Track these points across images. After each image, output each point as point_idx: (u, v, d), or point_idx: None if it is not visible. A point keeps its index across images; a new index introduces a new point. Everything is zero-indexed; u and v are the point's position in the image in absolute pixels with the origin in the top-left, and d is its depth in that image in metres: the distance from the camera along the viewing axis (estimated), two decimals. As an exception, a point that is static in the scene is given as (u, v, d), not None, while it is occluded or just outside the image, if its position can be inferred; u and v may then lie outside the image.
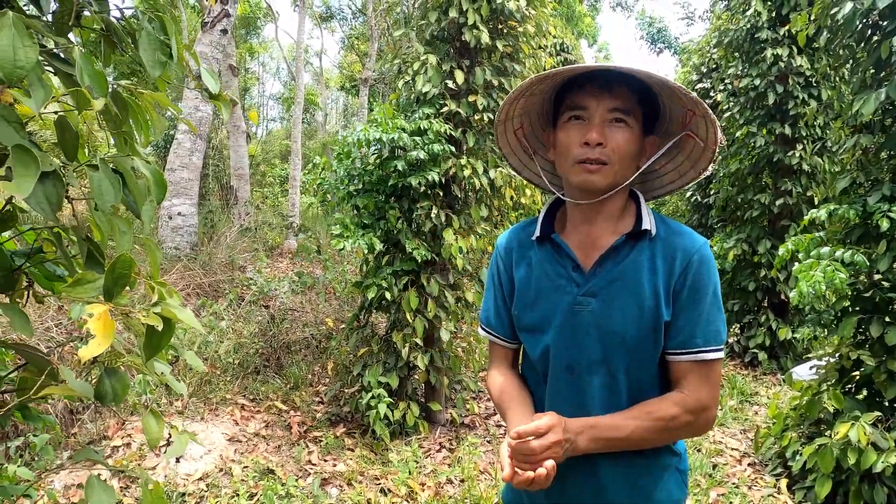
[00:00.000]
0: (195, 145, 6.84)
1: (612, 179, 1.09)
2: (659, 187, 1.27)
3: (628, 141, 1.08)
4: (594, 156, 1.07)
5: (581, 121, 1.09)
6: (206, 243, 7.20)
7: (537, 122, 1.25)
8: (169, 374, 1.13)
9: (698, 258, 1.08)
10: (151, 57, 1.00)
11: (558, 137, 1.14)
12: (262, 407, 3.84)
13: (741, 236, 5.56)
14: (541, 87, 1.14)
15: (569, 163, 1.10)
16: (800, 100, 5.27)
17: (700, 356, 1.08)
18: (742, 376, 5.18)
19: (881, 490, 2.74)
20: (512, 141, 1.26)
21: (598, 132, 1.07)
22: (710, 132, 1.09)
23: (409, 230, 3.63)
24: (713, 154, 1.12)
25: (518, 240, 1.25)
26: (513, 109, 1.19)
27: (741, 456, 3.68)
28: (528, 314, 1.19)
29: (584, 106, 1.09)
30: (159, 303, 0.93)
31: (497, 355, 1.31)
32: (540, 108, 1.22)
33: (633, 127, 1.09)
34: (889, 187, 2.87)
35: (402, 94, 3.86)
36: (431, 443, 3.65)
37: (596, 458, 1.12)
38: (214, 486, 2.86)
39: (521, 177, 1.33)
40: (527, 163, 1.30)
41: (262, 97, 26.80)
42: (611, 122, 1.08)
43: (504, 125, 1.22)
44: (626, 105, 1.08)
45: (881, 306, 2.94)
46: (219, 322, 4.64)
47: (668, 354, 1.11)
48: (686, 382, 1.10)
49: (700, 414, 1.09)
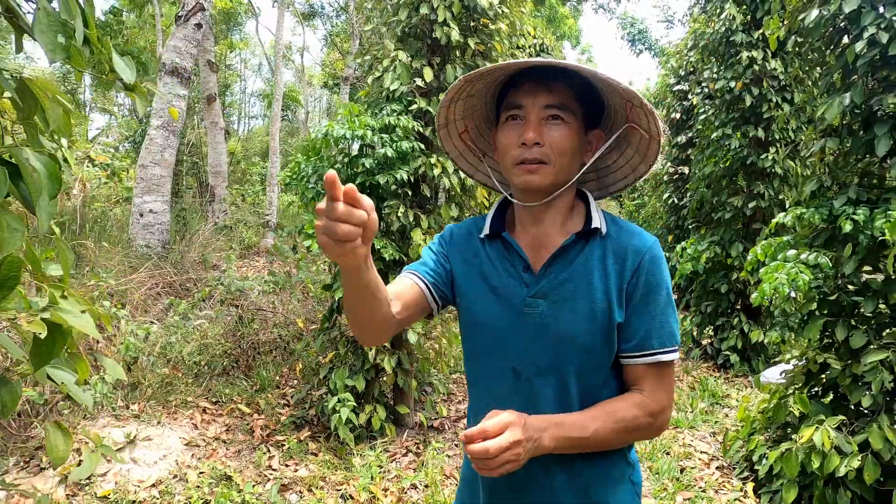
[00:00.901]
0: (168, 141, 6.70)
1: (554, 178, 1.06)
2: (613, 183, 1.24)
3: (566, 137, 1.05)
4: (532, 156, 1.04)
5: (518, 120, 1.06)
6: (179, 241, 7.06)
7: (483, 123, 1.22)
8: (72, 383, 1.05)
9: (649, 258, 1.05)
10: (50, 40, 0.92)
11: (498, 138, 1.11)
12: (225, 410, 3.75)
13: (714, 238, 5.57)
14: (477, 87, 1.11)
15: (509, 164, 1.07)
16: (773, 103, 5.29)
17: (656, 358, 1.05)
18: (714, 378, 5.19)
19: (845, 494, 2.73)
20: (459, 144, 1.23)
21: (534, 131, 1.03)
22: (652, 123, 1.06)
23: (377, 230, 3.56)
24: (659, 145, 1.10)
25: (468, 230, 1.20)
26: (451, 113, 1.16)
27: (710, 459, 3.67)
28: (477, 307, 1.13)
29: (521, 105, 1.06)
30: (49, 307, 0.86)
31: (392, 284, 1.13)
32: (482, 109, 1.19)
33: (572, 123, 1.06)
34: (855, 191, 2.87)
35: (371, 91, 3.79)
36: (398, 446, 3.58)
37: (550, 464, 1.08)
38: (167, 493, 2.77)
39: (475, 180, 1.28)
40: (477, 165, 1.27)
41: (243, 94, 26.48)
42: (547, 120, 1.05)
43: (446, 129, 1.19)
44: (562, 101, 1.04)
45: (847, 310, 2.94)
46: (185, 322, 4.53)
47: (623, 357, 1.08)
48: (643, 385, 1.07)
49: (658, 416, 1.06)
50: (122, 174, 10.17)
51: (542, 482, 1.09)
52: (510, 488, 1.11)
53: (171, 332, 4.25)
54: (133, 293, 5.13)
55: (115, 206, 8.65)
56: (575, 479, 1.08)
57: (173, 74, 6.69)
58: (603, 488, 1.11)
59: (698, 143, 6.20)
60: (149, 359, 3.82)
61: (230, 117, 22.00)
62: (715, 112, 5.73)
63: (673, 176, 8.40)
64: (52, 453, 1.01)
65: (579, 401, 1.07)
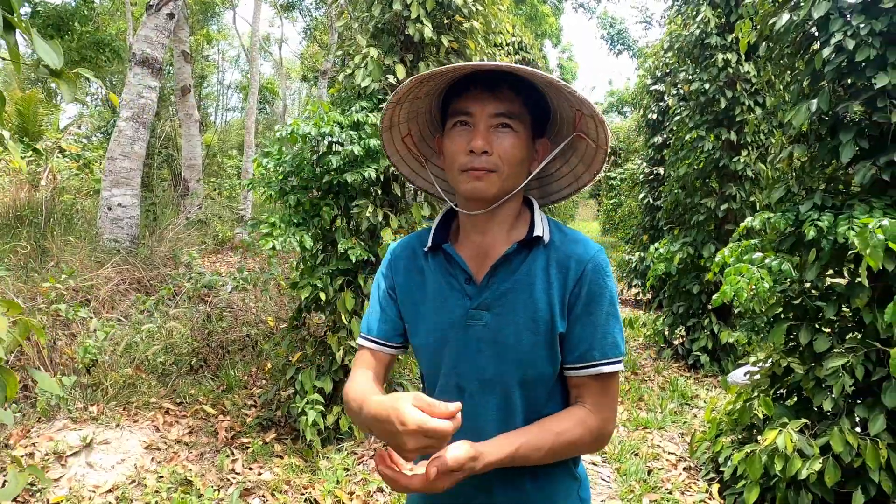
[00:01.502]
0: (137, 133, 6.54)
1: (501, 186, 1.03)
2: (556, 191, 1.22)
3: (515, 147, 1.02)
4: (480, 164, 1.01)
5: (466, 126, 1.03)
6: (149, 236, 6.91)
7: (426, 127, 1.19)
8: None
9: (592, 266, 1.03)
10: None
11: (445, 145, 1.07)
12: (189, 411, 3.66)
13: (687, 240, 5.62)
14: (425, 89, 1.08)
15: (455, 171, 1.04)
16: (746, 106, 5.34)
17: (599, 370, 1.03)
18: (684, 378, 5.23)
19: (806, 497, 2.76)
20: (401, 148, 1.19)
21: (484, 139, 1.00)
22: (601, 133, 1.04)
23: (346, 228, 3.50)
24: (605, 155, 1.07)
25: (411, 248, 1.18)
26: (397, 115, 1.12)
27: (677, 460, 3.69)
28: (419, 328, 1.11)
29: (469, 111, 1.02)
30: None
31: (364, 362, 1.15)
32: (427, 113, 1.16)
33: (520, 131, 1.03)
34: (821, 196, 2.89)
35: (342, 88, 3.73)
36: (366, 448, 3.54)
37: (492, 486, 1.05)
38: (124, 499, 2.69)
39: (416, 185, 1.25)
40: (419, 171, 1.24)
41: (220, 86, 26.05)
42: (496, 128, 1.02)
43: (390, 132, 1.15)
44: (511, 109, 1.02)
45: (811, 314, 2.97)
46: (151, 319, 4.42)
47: (567, 369, 1.05)
48: (586, 397, 1.05)
49: (603, 430, 1.04)
50: (94, 165, 9.93)
51: (483, 499, 1.06)
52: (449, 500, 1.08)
53: (136, 331, 4.15)
54: (99, 289, 5.00)
55: (85, 199, 8.44)
56: (518, 497, 1.06)
57: (144, 65, 6.53)
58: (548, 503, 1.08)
59: (673, 144, 6.24)
60: (111, 358, 3.72)
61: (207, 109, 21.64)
62: (689, 114, 5.77)
63: (649, 176, 8.47)
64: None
65: (523, 416, 1.04)
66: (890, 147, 2.65)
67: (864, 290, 2.72)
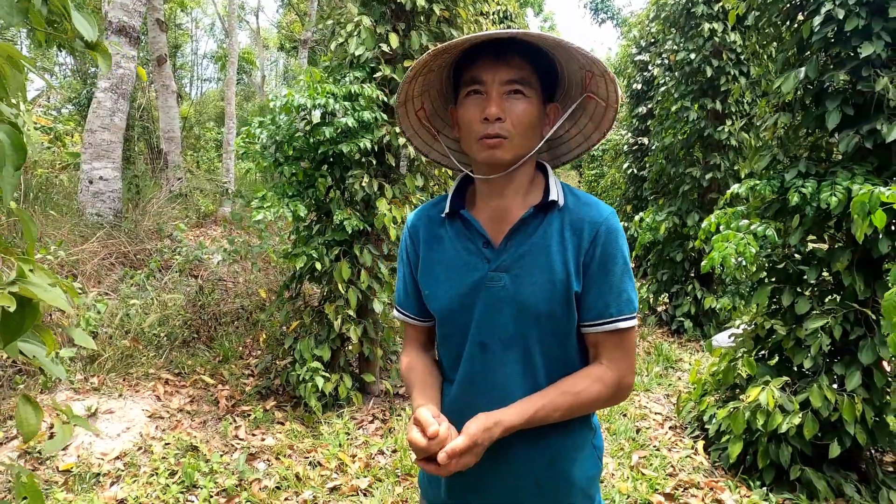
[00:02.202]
0: (117, 105, 6.39)
1: (516, 152, 1.08)
2: (566, 152, 1.26)
3: (528, 112, 1.07)
4: (494, 131, 1.05)
5: (479, 95, 1.07)
6: (132, 210, 6.82)
7: (438, 100, 1.22)
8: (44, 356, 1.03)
9: (605, 228, 1.08)
10: (7, 2, 0.87)
11: (459, 115, 1.11)
12: (188, 381, 3.71)
13: (672, 209, 5.73)
14: (440, 61, 1.11)
15: (472, 140, 1.08)
16: (731, 76, 5.42)
17: (615, 325, 1.09)
18: (668, 343, 5.41)
19: (786, 449, 2.93)
20: (414, 122, 1.22)
21: (497, 106, 1.04)
22: (611, 91, 1.09)
23: (341, 199, 3.53)
24: (615, 113, 1.12)
25: (428, 217, 1.22)
26: (411, 90, 1.15)
27: (663, 420, 3.85)
28: (439, 293, 1.16)
29: (481, 80, 1.06)
30: (17, 281, 0.83)
31: (409, 336, 1.28)
32: (439, 85, 1.19)
33: (532, 97, 1.07)
34: (805, 164, 2.99)
35: (333, 56, 3.70)
36: (364, 414, 3.63)
37: (511, 440, 1.10)
38: (133, 465, 2.75)
39: (429, 158, 1.28)
40: (431, 143, 1.27)
41: (195, 56, 25.35)
42: (508, 94, 1.06)
43: (405, 107, 1.18)
44: (522, 75, 1.06)
45: (793, 277, 3.10)
46: (142, 293, 4.42)
47: (584, 327, 1.11)
48: (603, 352, 1.11)
49: (621, 383, 1.11)
50: (66, 139, 9.67)
51: (503, 455, 1.11)
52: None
53: (128, 304, 4.14)
54: (85, 264, 4.96)
55: (60, 173, 8.25)
56: (542, 451, 1.12)
57: (121, 33, 6.35)
58: (568, 454, 1.15)
59: (658, 114, 6.31)
60: (107, 331, 3.73)
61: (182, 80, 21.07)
62: (675, 84, 5.83)
63: (633, 147, 8.55)
64: (23, 427, 0.99)
65: (545, 372, 1.10)
66: (873, 115, 2.75)
67: (845, 254, 2.85)
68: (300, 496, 2.68)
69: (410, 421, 1.05)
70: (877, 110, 2.75)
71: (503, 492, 1.15)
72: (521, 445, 1.12)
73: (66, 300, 1.06)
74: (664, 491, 2.90)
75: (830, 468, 2.96)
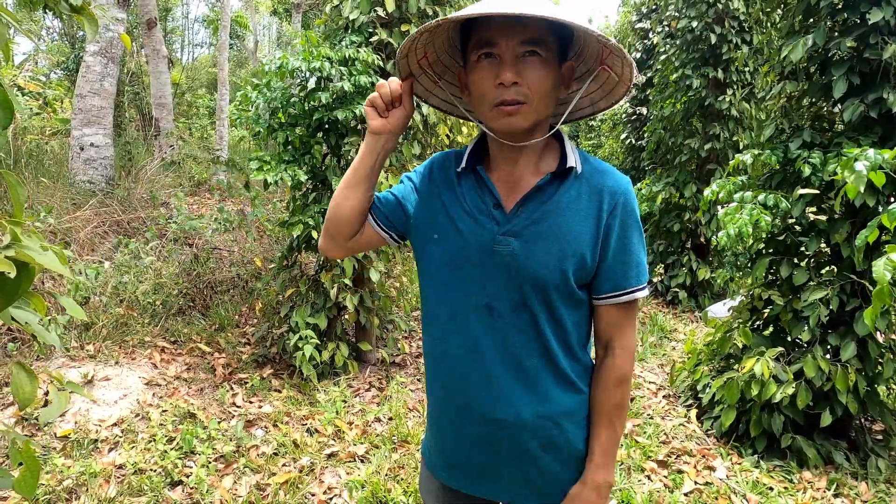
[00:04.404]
0: (107, 69, 6.24)
1: (535, 118, 1.03)
2: (571, 112, 1.19)
3: (545, 77, 1.01)
4: (511, 97, 0.99)
5: (492, 58, 1.01)
6: (124, 177, 6.73)
7: (443, 49, 1.14)
8: (36, 323, 1.01)
9: (624, 199, 1.06)
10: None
11: (471, 80, 1.05)
12: (185, 349, 3.70)
13: (669, 180, 5.70)
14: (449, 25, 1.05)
15: (486, 107, 1.03)
16: (733, 44, 5.32)
17: (631, 296, 1.09)
18: (663, 314, 5.44)
19: (778, 418, 2.97)
20: (414, 68, 1.15)
21: (512, 70, 0.98)
22: (626, 70, 1.04)
23: (336, 166, 3.47)
24: (627, 89, 1.07)
25: (450, 161, 1.18)
26: (415, 45, 1.08)
27: (657, 389, 3.89)
28: (449, 238, 1.12)
29: (494, 42, 1.00)
30: (12, 245, 0.80)
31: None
32: (446, 40, 1.12)
33: (548, 57, 1.01)
34: (809, 134, 2.96)
35: (329, 20, 3.60)
36: (361, 382, 3.65)
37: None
38: (130, 432, 2.76)
39: (429, 104, 1.23)
40: (432, 89, 1.20)
41: (185, 19, 24.74)
42: (524, 56, 0.99)
43: (406, 59, 1.11)
44: (537, 34, 0.99)
45: (792, 249, 3.09)
46: (136, 261, 4.38)
47: (598, 298, 1.10)
48: (611, 325, 1.11)
49: (629, 350, 1.12)
50: (56, 104, 9.48)
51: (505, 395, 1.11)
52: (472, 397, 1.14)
53: (122, 272, 4.11)
54: (78, 232, 4.91)
55: (50, 139, 8.11)
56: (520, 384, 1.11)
57: None
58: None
59: (658, 83, 6.22)
60: (101, 299, 3.71)
61: (173, 45, 20.61)
62: (676, 52, 5.73)
63: (631, 116, 8.45)
64: (19, 394, 0.97)
65: (553, 334, 1.08)
66: (879, 84, 2.70)
67: (844, 226, 2.84)
68: (298, 462, 2.71)
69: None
70: (883, 79, 2.71)
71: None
72: (520, 390, 1.11)
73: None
74: (657, 458, 2.94)
75: (821, 436, 3.00)
